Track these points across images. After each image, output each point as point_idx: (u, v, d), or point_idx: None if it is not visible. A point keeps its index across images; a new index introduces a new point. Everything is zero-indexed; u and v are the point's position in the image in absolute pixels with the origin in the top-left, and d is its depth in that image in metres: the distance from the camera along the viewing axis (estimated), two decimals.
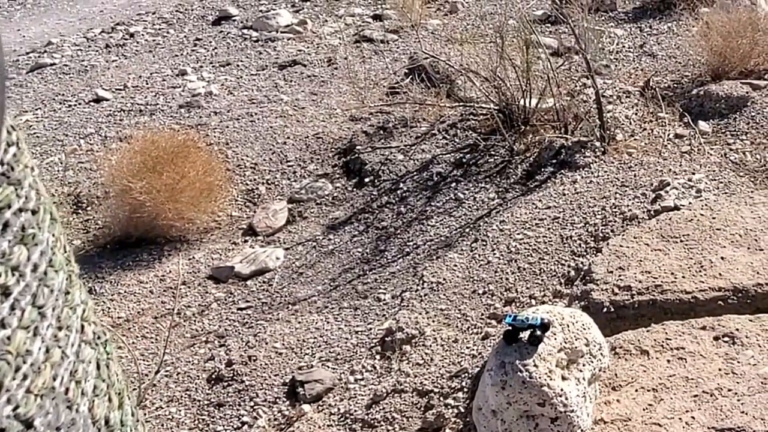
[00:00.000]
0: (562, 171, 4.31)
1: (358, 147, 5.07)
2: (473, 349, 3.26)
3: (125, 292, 4.34)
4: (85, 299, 0.97)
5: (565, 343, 2.47)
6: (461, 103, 5.07)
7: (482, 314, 3.48)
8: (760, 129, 4.39)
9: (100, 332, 1.00)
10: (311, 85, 6.00)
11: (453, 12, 6.95)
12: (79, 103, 6.34)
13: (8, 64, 6.31)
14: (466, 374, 3.12)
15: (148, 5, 8.55)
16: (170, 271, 4.45)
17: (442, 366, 3.24)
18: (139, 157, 4.72)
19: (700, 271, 3.03)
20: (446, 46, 6.04)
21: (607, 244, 3.36)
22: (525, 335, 2.46)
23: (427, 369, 3.26)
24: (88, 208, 5.03)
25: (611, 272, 3.13)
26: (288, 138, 5.37)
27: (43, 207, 0.88)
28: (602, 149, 4.35)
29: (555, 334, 2.47)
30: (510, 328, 2.47)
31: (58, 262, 0.89)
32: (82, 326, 0.94)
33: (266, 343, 3.72)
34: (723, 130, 4.45)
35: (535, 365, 2.39)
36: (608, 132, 4.43)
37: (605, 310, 2.98)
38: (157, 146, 4.78)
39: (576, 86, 5.13)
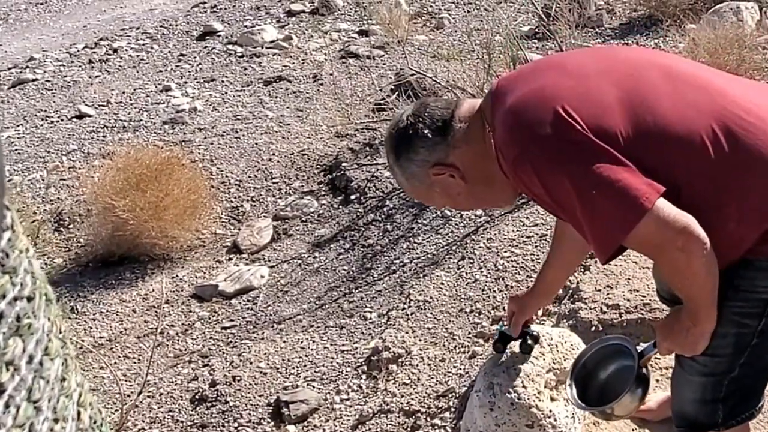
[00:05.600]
0: None
1: (343, 164, 5.04)
2: (460, 369, 3.22)
3: (107, 311, 4.29)
4: (80, 381, 0.92)
5: (554, 363, 2.44)
6: None
7: (469, 333, 3.44)
8: None
9: (95, 415, 0.95)
10: (297, 101, 5.97)
11: (439, 28, 6.94)
12: (62, 120, 6.28)
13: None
14: (454, 394, 3.08)
15: (132, 20, 8.52)
16: (153, 290, 4.39)
17: (429, 386, 3.19)
18: (122, 175, 4.67)
19: None
20: (433, 62, 6.03)
21: (595, 262, 3.34)
22: (515, 345, 2.43)
23: (414, 389, 3.21)
24: (70, 226, 4.98)
25: (599, 290, 3.11)
26: (273, 155, 5.33)
27: (39, 292, 0.82)
28: None
29: (544, 355, 2.44)
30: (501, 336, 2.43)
31: (54, 349, 0.83)
32: (79, 413, 0.89)
33: (251, 363, 3.67)
34: None
35: (523, 386, 2.35)
36: None
37: (593, 328, 2.95)
38: (141, 163, 4.73)
39: None
